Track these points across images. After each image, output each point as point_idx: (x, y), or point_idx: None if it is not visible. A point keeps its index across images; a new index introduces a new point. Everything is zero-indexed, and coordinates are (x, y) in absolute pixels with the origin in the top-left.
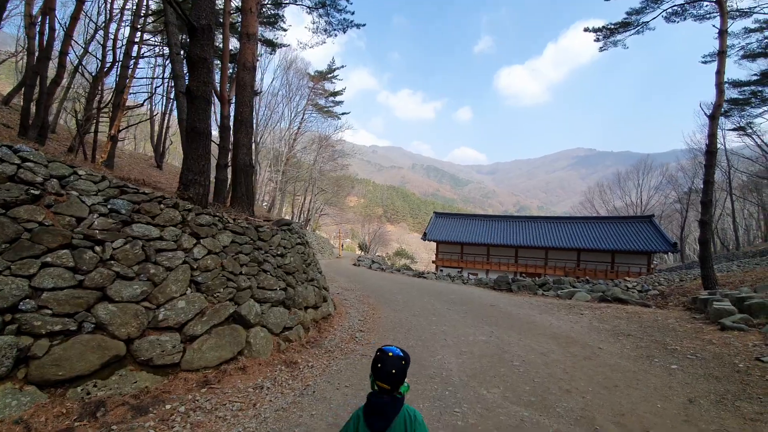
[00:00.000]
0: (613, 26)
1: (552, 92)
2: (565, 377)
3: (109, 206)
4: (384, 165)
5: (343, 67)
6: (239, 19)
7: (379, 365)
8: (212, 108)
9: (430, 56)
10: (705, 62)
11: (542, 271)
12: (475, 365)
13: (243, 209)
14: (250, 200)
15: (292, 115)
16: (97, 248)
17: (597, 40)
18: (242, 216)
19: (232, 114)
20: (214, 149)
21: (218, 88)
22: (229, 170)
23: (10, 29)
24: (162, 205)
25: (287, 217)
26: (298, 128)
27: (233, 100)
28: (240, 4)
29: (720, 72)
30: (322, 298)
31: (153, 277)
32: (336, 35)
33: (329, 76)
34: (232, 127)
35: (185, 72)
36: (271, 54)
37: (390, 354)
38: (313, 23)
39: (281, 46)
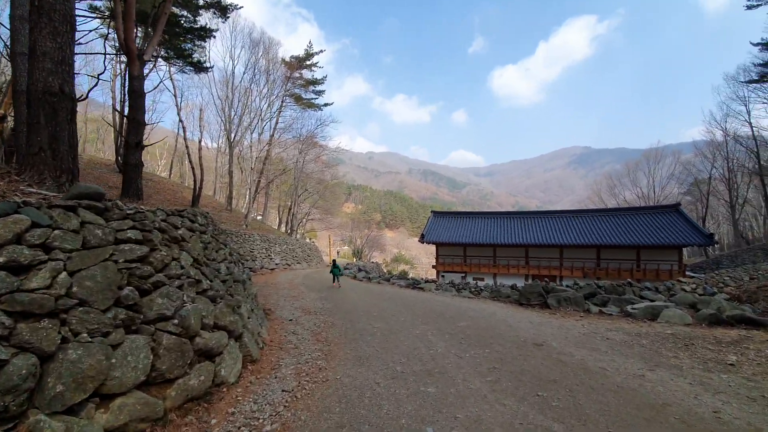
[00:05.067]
0: None
1: (546, 91)
2: None
3: None
4: (381, 171)
5: (322, 51)
6: None
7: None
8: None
9: (424, 60)
10: (749, 8)
11: (557, 272)
12: None
13: (43, 172)
14: (58, 157)
15: (266, 105)
16: None
17: None
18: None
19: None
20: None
21: (122, 36)
22: (107, 143)
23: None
24: None
25: (263, 220)
26: (276, 121)
27: (147, 55)
28: None
29: None
30: (195, 354)
31: None
32: None
33: (308, 63)
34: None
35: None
36: (223, 22)
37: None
38: None
39: (233, 8)
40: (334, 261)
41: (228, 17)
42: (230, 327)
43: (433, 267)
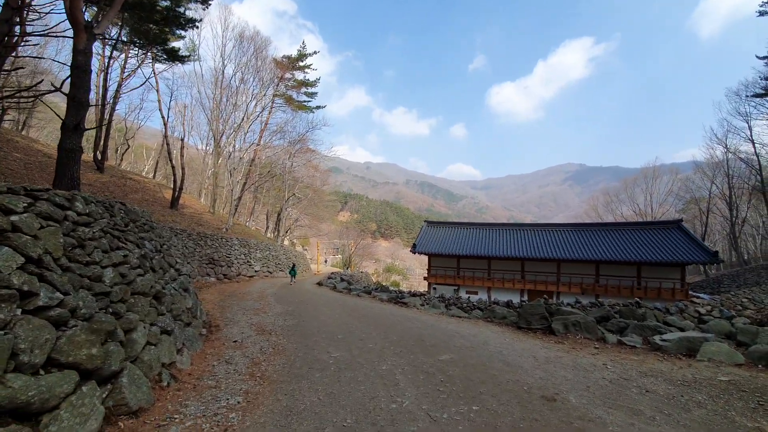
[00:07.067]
0: None
1: (543, 109)
2: None
3: None
4: (378, 181)
5: (316, 53)
6: None
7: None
8: None
9: (425, 75)
10: (762, 14)
11: (554, 288)
12: None
13: None
14: None
15: (255, 103)
16: None
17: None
18: None
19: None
20: None
21: (68, 4)
22: (85, 138)
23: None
24: None
25: (261, 229)
26: (266, 121)
27: (99, 29)
28: None
29: None
30: None
31: None
32: None
33: (300, 65)
34: None
35: None
36: (204, 9)
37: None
38: None
39: None
40: (293, 265)
41: (210, 4)
42: (88, 364)
43: (425, 278)
